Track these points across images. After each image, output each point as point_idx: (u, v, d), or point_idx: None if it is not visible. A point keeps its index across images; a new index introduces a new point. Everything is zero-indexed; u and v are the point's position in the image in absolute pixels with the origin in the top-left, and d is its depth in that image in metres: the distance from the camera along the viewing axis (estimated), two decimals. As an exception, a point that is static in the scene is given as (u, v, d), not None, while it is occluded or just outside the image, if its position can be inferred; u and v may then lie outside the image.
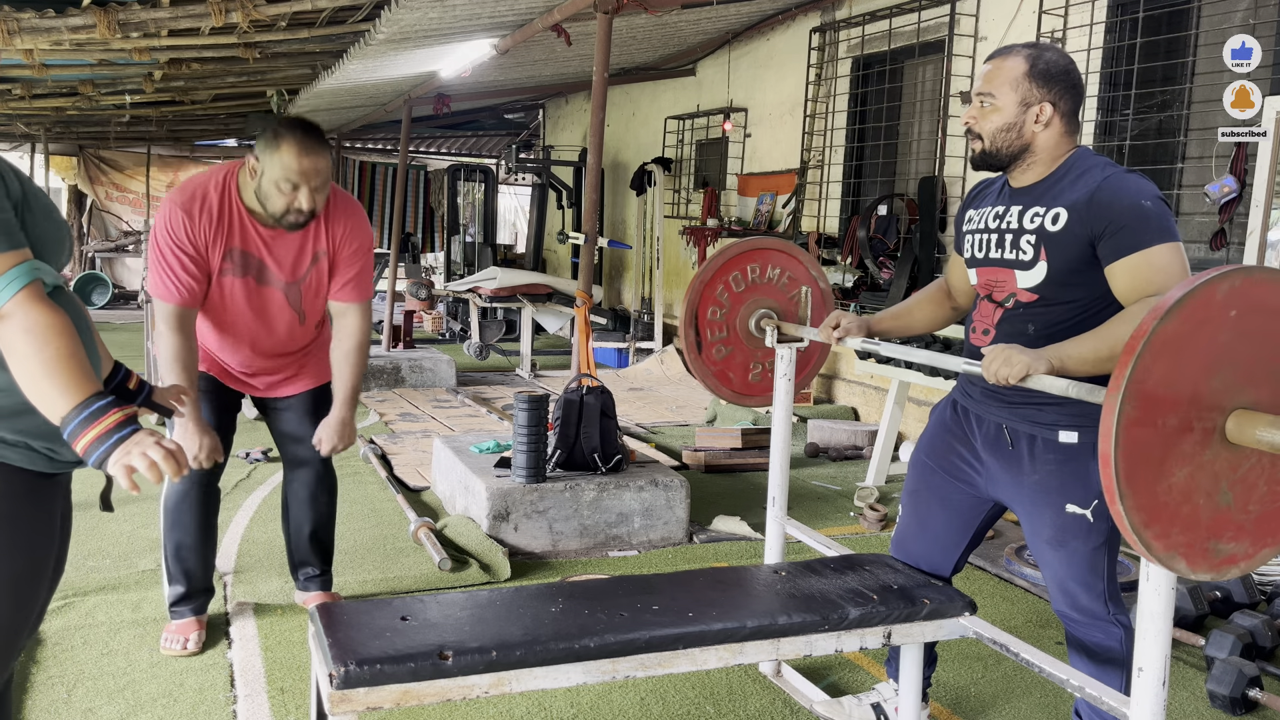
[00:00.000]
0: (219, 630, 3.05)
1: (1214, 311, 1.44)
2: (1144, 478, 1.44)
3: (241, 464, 4.98)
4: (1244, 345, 1.47)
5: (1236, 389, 1.48)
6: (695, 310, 2.86)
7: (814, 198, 6.99)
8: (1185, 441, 1.47)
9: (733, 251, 2.88)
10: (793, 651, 2.07)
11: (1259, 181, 3.81)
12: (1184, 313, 1.42)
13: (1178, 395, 1.45)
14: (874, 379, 6.28)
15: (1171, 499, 1.47)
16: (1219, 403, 1.48)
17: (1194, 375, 1.45)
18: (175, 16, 5.19)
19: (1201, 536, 1.51)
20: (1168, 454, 1.46)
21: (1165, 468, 1.46)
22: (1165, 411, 1.44)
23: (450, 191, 11.23)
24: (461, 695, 1.84)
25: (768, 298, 2.91)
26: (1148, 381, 1.41)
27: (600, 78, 4.72)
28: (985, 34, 5.52)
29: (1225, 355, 1.47)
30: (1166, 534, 1.48)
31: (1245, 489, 1.53)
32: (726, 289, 2.88)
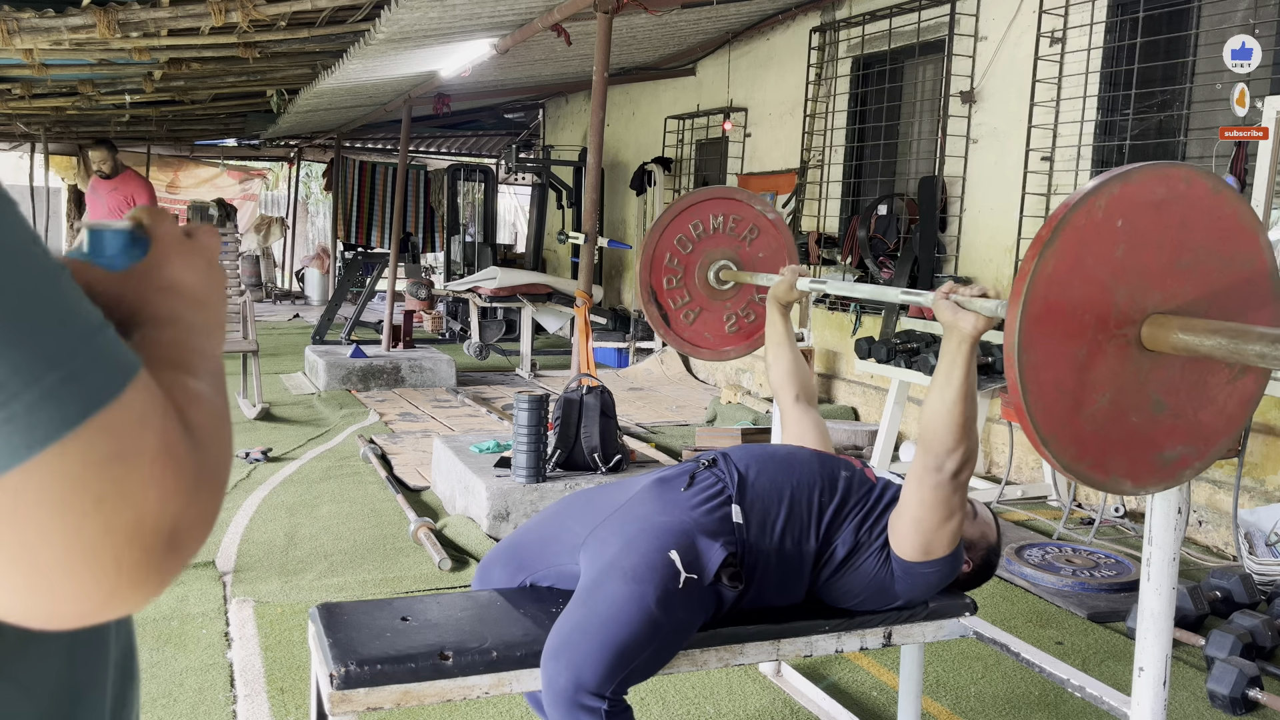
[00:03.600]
0: (219, 630, 3.05)
1: (1097, 229, 1.36)
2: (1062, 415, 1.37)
3: (241, 464, 4.98)
4: (1139, 250, 1.39)
5: (1144, 295, 1.40)
6: (650, 286, 2.83)
7: (814, 197, 6.99)
8: (1101, 364, 1.39)
9: (670, 215, 2.84)
10: (793, 651, 2.07)
11: (1259, 181, 3.81)
12: (1063, 240, 1.34)
13: (1080, 323, 1.37)
14: (874, 379, 6.28)
15: (1098, 426, 1.40)
16: (1129, 315, 1.39)
17: (1092, 298, 1.37)
18: (175, 16, 5.18)
19: (1142, 451, 1.44)
20: (1084, 383, 1.38)
21: (1085, 397, 1.38)
22: (1071, 343, 1.37)
23: (450, 191, 11.23)
24: (462, 695, 1.84)
25: (719, 247, 2.87)
26: (1042, 320, 1.34)
27: (600, 78, 4.72)
28: (985, 34, 5.52)
29: (1122, 266, 1.38)
30: (1102, 462, 1.41)
31: (1179, 391, 1.45)
32: (675, 254, 2.84)
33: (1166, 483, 1.47)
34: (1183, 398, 1.46)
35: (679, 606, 1.87)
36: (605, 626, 1.81)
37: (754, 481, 2.04)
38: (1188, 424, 1.47)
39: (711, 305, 2.89)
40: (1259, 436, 4.11)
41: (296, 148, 15.35)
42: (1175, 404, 1.45)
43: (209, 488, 0.57)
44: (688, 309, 2.87)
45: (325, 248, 15.60)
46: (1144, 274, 1.40)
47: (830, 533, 2.02)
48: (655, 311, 2.83)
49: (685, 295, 2.86)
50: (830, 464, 2.12)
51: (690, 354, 2.91)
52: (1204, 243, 1.43)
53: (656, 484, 2.09)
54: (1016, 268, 5.21)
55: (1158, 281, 1.40)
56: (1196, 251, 1.43)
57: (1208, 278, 1.44)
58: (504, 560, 2.20)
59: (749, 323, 2.93)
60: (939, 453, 1.86)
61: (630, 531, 1.96)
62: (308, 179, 16.96)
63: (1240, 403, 1.51)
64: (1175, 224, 1.41)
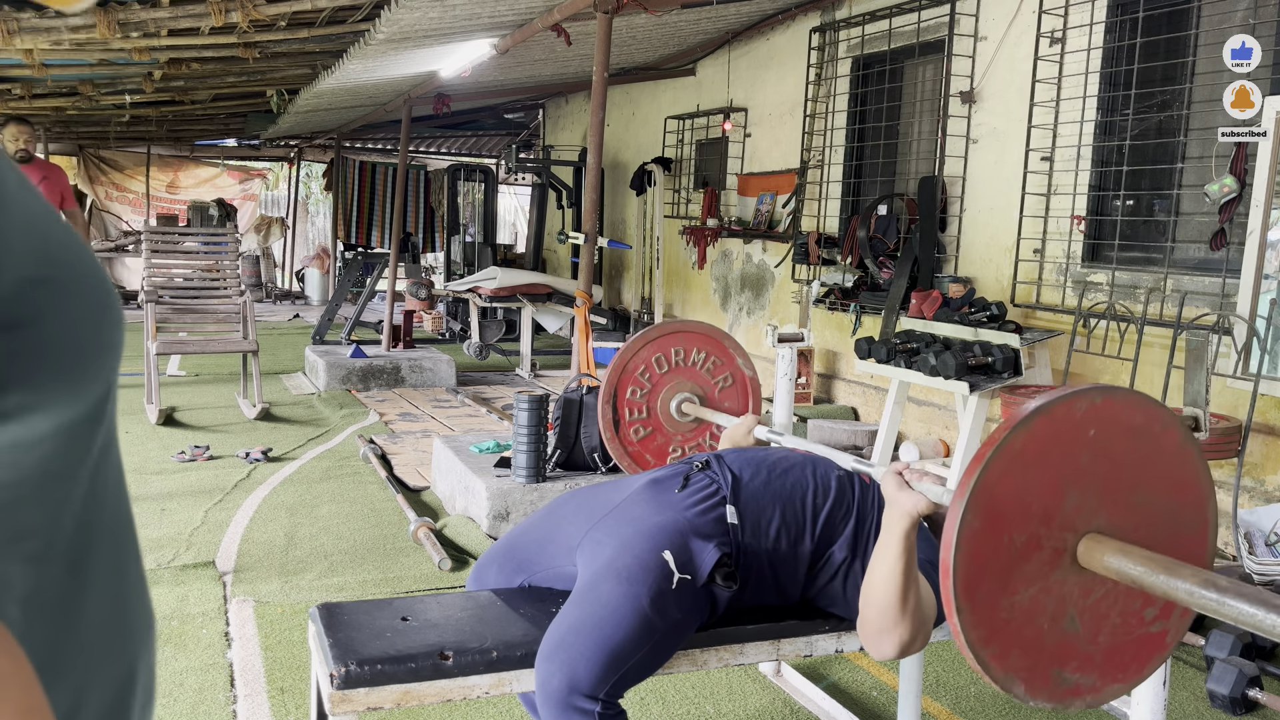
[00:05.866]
0: (219, 630, 3.05)
1: (1071, 428, 1.37)
2: (985, 592, 1.36)
3: (241, 464, 4.98)
4: (1102, 466, 1.39)
5: (1091, 511, 1.40)
6: (615, 388, 2.86)
7: (814, 197, 6.99)
8: (1033, 560, 1.38)
9: (657, 333, 2.89)
10: (793, 651, 2.07)
11: (1259, 181, 3.81)
12: (1039, 427, 1.35)
13: (1027, 510, 1.36)
14: (874, 379, 6.28)
15: (1014, 618, 1.38)
16: (1072, 524, 1.39)
17: (1046, 492, 1.37)
18: (175, 16, 5.19)
19: (1044, 662, 1.42)
20: (1013, 571, 1.37)
21: (1009, 584, 1.37)
22: (1013, 526, 1.36)
23: (450, 191, 11.23)
24: (462, 695, 1.84)
25: (691, 381, 2.92)
26: (995, 492, 1.34)
27: (600, 78, 4.72)
28: (985, 34, 5.52)
29: (1082, 475, 1.39)
30: (1005, 655, 1.39)
31: (1095, 618, 1.44)
32: (649, 369, 2.89)
33: (1055, 703, 1.45)
34: (1097, 626, 1.45)
35: (673, 607, 1.86)
36: (599, 628, 1.81)
37: (748, 483, 2.04)
38: (1093, 655, 1.45)
39: (664, 432, 2.95)
40: (1259, 436, 4.11)
41: (296, 148, 15.35)
42: (1088, 629, 1.44)
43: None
44: (640, 425, 2.93)
45: (325, 248, 15.60)
46: (1098, 490, 1.40)
47: (827, 535, 2.02)
48: (609, 414, 2.90)
49: (643, 411, 2.93)
50: (824, 466, 2.12)
51: (625, 468, 2.95)
52: (1160, 486, 1.44)
53: (651, 485, 2.09)
54: (1017, 268, 5.21)
55: (1108, 504, 1.41)
56: (1151, 490, 1.44)
57: (1153, 523, 1.44)
58: (500, 562, 2.20)
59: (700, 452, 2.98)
60: (874, 632, 1.82)
61: (625, 533, 1.96)
62: (308, 179, 16.96)
63: (1147, 654, 1.50)
64: (1141, 456, 1.43)
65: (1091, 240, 4.90)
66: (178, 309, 7.04)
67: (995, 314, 4.82)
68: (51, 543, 0.59)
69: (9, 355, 0.53)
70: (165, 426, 5.80)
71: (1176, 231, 4.53)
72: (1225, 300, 4.06)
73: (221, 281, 6.81)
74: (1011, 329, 4.61)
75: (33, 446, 0.56)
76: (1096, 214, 4.90)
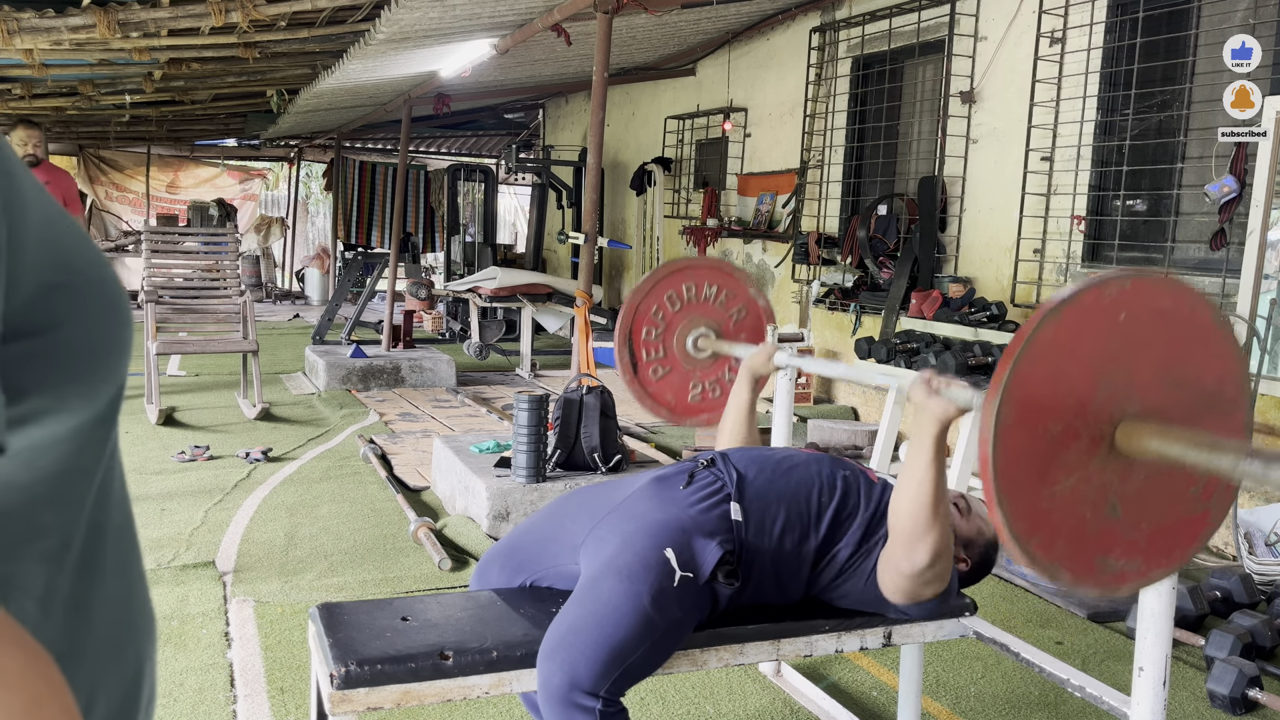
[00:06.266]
0: (219, 630, 3.05)
1: (1101, 315, 1.36)
2: (1025, 484, 1.36)
3: (241, 464, 4.98)
4: (1136, 350, 1.39)
5: (1127, 396, 1.39)
6: (630, 330, 2.84)
7: (814, 197, 6.99)
8: (1071, 449, 1.37)
9: (665, 271, 2.86)
10: (793, 651, 2.07)
11: (1259, 181, 3.81)
12: (1068, 315, 1.34)
13: (1062, 401, 1.36)
14: (874, 379, 6.28)
15: (1055, 508, 1.38)
16: (1108, 411, 1.39)
17: (1080, 380, 1.37)
18: (175, 16, 5.19)
19: (1088, 550, 1.42)
20: (1052, 461, 1.37)
21: (1049, 475, 1.37)
22: (1048, 417, 1.35)
23: (450, 191, 11.23)
24: (462, 695, 1.84)
25: (705, 316, 2.90)
26: (1028, 385, 1.33)
27: (600, 78, 4.72)
28: (985, 34, 5.52)
29: (1115, 360, 1.38)
30: (1050, 544, 1.39)
31: (1137, 504, 1.44)
32: (662, 308, 2.85)
33: (1101, 590, 1.45)
34: (1139, 512, 1.44)
35: (674, 604, 1.86)
36: (600, 625, 1.81)
37: (753, 480, 2.03)
38: (1137, 540, 1.45)
39: (682, 369, 2.91)
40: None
41: (296, 148, 15.35)
42: (1130, 515, 1.44)
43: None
44: (658, 365, 2.89)
45: (325, 248, 15.60)
46: (1132, 375, 1.39)
47: (833, 533, 2.02)
48: (626, 357, 2.86)
49: (659, 350, 2.88)
50: (829, 465, 2.12)
51: (649, 410, 2.92)
52: (1193, 366, 1.43)
53: (655, 482, 2.09)
54: (1017, 268, 5.21)
55: (1142, 387, 1.40)
56: (1184, 371, 1.43)
57: (1188, 400, 1.43)
58: (503, 561, 2.20)
59: (714, 397, 2.94)
60: (906, 540, 1.85)
61: (627, 530, 1.96)
62: (308, 179, 16.96)
63: (1190, 536, 1.50)
64: (1172, 338, 1.41)
65: (1091, 240, 4.90)
66: (178, 309, 7.04)
67: (995, 314, 4.82)
68: (66, 542, 0.60)
69: (29, 360, 0.54)
70: (165, 426, 5.80)
71: (1176, 231, 4.53)
72: (1225, 300, 4.06)
73: (221, 281, 6.81)
74: (1012, 329, 4.61)
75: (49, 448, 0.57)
76: (1096, 214, 4.90)
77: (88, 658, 0.61)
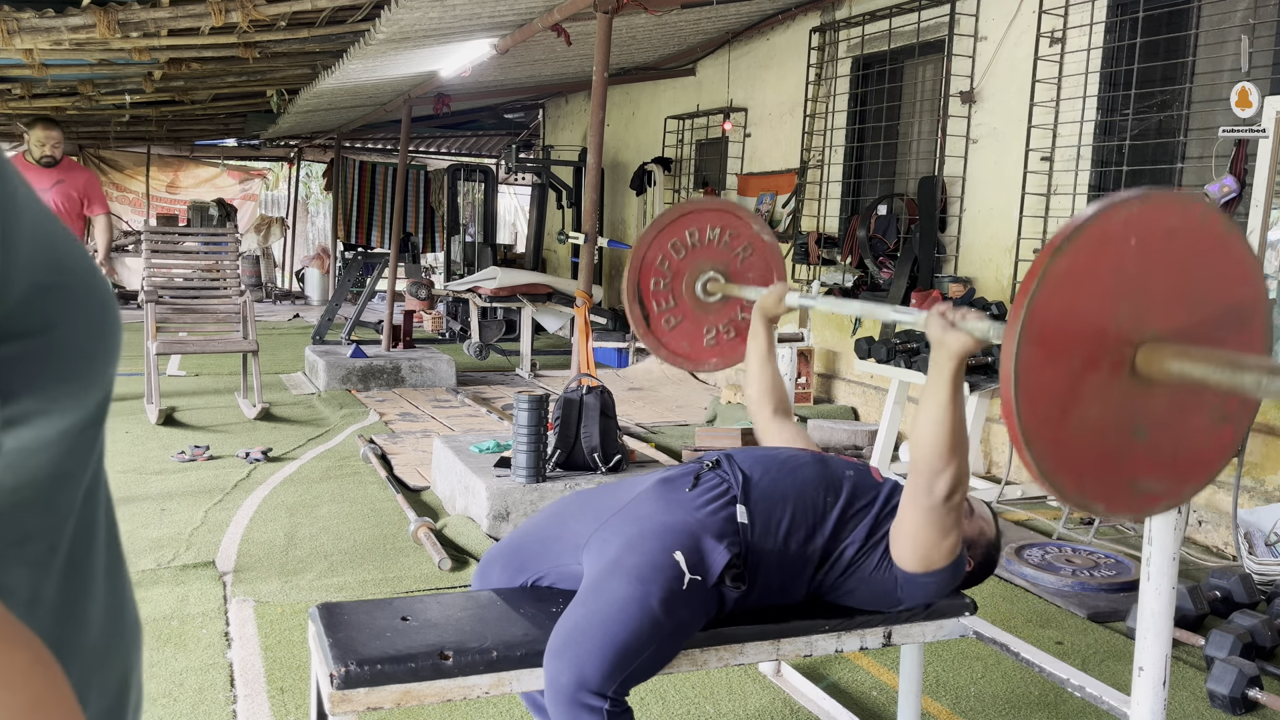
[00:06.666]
0: (219, 630, 3.05)
1: (1112, 242, 1.35)
2: (1050, 420, 1.35)
3: (241, 464, 4.98)
4: (1150, 273, 1.38)
5: (1146, 319, 1.39)
6: (638, 284, 2.79)
7: (814, 197, 6.99)
8: (1093, 378, 1.37)
9: (668, 218, 2.81)
10: (793, 651, 2.07)
11: (1259, 181, 3.81)
12: (1079, 245, 1.33)
13: (1081, 331, 1.35)
14: (874, 379, 6.28)
15: (1082, 439, 1.38)
16: (1127, 335, 1.38)
17: (1097, 309, 1.36)
18: (175, 16, 5.18)
19: (1119, 477, 1.42)
20: (1075, 393, 1.36)
21: (1073, 408, 1.37)
22: (1068, 350, 1.35)
23: (450, 191, 11.23)
24: (462, 695, 1.84)
25: (711, 259, 2.86)
26: (1045, 320, 1.32)
27: (600, 78, 4.72)
28: (985, 34, 5.52)
29: (1130, 285, 1.37)
30: (1080, 477, 1.39)
31: (1163, 424, 1.43)
32: (667, 257, 2.81)
33: (1136, 513, 1.46)
34: (1164, 432, 1.44)
35: (682, 607, 1.87)
36: (608, 626, 1.81)
37: (758, 482, 2.03)
38: (1165, 459, 1.46)
39: (694, 315, 2.88)
40: (1259, 436, 4.11)
41: (296, 148, 15.35)
42: (1156, 436, 1.44)
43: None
44: (670, 314, 2.86)
45: (325, 248, 15.60)
46: (1148, 298, 1.39)
47: (838, 533, 2.02)
48: (638, 311, 2.82)
49: (670, 300, 2.85)
50: (834, 465, 2.12)
51: (665, 359, 2.90)
52: (1208, 280, 1.43)
53: (661, 484, 2.09)
54: (1017, 268, 5.21)
55: (1159, 309, 1.40)
56: (1200, 287, 1.42)
57: (1207, 316, 1.43)
58: (505, 560, 2.20)
59: (728, 339, 2.92)
60: (927, 473, 1.86)
61: (634, 531, 1.96)
62: (308, 179, 16.96)
63: (1217, 450, 1.50)
64: (1185, 255, 1.40)
65: (1091, 240, 4.90)
66: (178, 309, 7.04)
67: (995, 314, 4.82)
68: (53, 547, 0.59)
69: (21, 361, 0.53)
70: (165, 426, 5.80)
71: (1176, 231, 4.53)
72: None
73: (221, 281, 6.81)
74: (1011, 329, 4.61)
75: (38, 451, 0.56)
76: (1096, 214, 4.90)
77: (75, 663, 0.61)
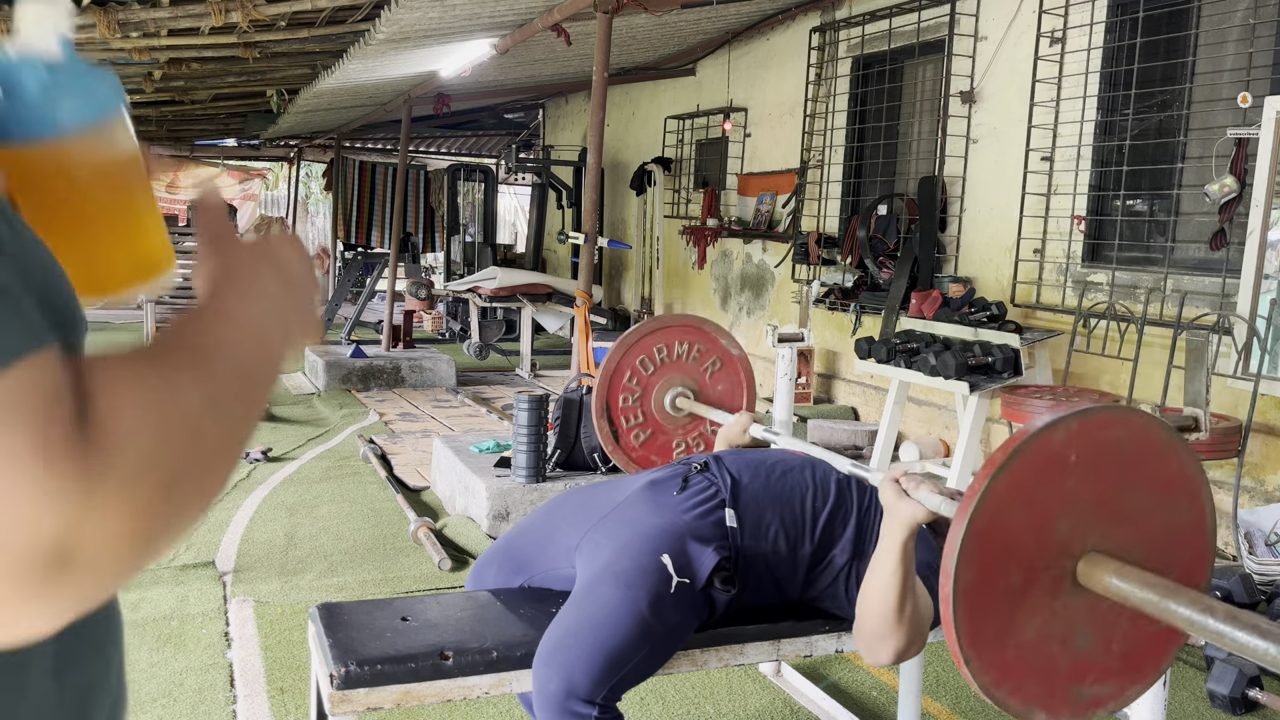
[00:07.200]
0: (219, 630, 3.05)
1: (1051, 461, 1.37)
2: (990, 636, 1.37)
3: (241, 464, 4.97)
4: (1089, 486, 1.39)
5: (1085, 531, 1.40)
6: (606, 401, 2.87)
7: (814, 197, 6.99)
8: (1033, 594, 1.38)
9: (636, 335, 2.88)
10: (793, 652, 2.07)
11: (1259, 181, 3.81)
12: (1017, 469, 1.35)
13: (1020, 549, 1.36)
14: (874, 379, 6.28)
15: (1023, 652, 1.39)
16: (1067, 548, 1.39)
17: (1037, 527, 1.37)
18: (175, 16, 5.18)
19: (1061, 685, 1.43)
20: (1015, 609, 1.38)
21: (1013, 622, 1.38)
22: (1007, 568, 1.36)
23: (450, 191, 11.23)
24: (462, 696, 1.84)
25: (680, 374, 2.92)
26: (983, 541, 1.34)
27: (600, 78, 4.72)
28: (985, 34, 5.52)
29: (1070, 500, 1.39)
30: (1021, 689, 1.40)
31: (1105, 628, 1.44)
32: (635, 374, 2.89)
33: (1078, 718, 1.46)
34: (1108, 637, 1.45)
35: (671, 610, 1.86)
36: (597, 631, 1.81)
37: (747, 485, 2.03)
38: (1109, 664, 1.46)
39: (663, 430, 2.93)
40: (1259, 436, 4.11)
41: (296, 148, 15.35)
42: (1100, 641, 1.44)
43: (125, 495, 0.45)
44: (639, 429, 2.92)
45: (325, 248, 15.58)
46: (1089, 510, 1.40)
47: (827, 537, 2.02)
48: (606, 427, 2.89)
49: (639, 416, 2.92)
50: (823, 469, 2.12)
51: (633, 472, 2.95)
52: (1151, 490, 1.45)
53: (649, 487, 2.09)
54: (1017, 268, 5.21)
55: (1101, 520, 1.41)
56: (1143, 497, 1.44)
57: (1150, 526, 1.45)
58: (500, 561, 2.20)
59: (699, 452, 2.96)
60: (870, 637, 1.81)
61: (623, 535, 1.95)
62: (308, 179, 16.96)
63: (1162, 650, 1.51)
64: (1127, 465, 1.42)
65: (1091, 240, 4.90)
66: (178, 309, 7.04)
67: (995, 314, 4.82)
68: None
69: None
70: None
71: (1176, 231, 4.53)
72: (1225, 300, 4.06)
73: (221, 281, 6.81)
74: (1011, 329, 4.61)
75: None
76: (1096, 214, 4.90)
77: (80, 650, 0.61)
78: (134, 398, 0.47)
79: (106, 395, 0.46)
